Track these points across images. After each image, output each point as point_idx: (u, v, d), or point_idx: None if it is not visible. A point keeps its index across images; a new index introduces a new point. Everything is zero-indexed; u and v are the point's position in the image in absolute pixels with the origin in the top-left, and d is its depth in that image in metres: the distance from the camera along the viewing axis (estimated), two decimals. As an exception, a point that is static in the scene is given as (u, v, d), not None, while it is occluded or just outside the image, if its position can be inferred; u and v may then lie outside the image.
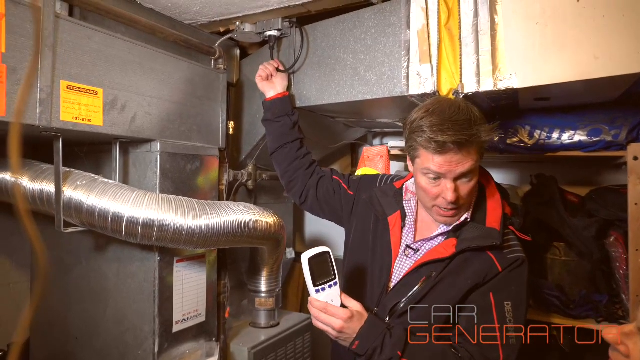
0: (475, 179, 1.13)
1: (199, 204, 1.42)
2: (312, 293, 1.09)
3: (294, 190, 1.57)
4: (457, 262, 1.15)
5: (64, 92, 1.17)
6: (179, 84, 1.52)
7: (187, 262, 1.55)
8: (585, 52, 1.18)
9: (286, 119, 1.58)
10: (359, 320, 1.10)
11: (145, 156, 1.46)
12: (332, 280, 1.10)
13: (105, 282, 1.54)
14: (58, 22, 1.15)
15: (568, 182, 2.02)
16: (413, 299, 1.16)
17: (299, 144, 1.58)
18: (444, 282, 1.15)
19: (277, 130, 1.59)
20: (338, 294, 1.11)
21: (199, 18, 1.67)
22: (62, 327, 1.65)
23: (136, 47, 1.37)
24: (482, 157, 1.12)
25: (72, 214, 1.29)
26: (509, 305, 1.11)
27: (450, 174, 1.08)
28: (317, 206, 1.53)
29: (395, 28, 1.47)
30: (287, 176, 1.57)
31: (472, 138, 1.05)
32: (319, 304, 1.09)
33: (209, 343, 1.65)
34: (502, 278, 1.13)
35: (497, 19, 1.28)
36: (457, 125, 1.04)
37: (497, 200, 1.20)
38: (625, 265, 1.55)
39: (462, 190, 1.11)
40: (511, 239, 1.18)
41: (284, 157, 1.57)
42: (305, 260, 1.07)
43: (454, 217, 1.16)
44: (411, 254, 1.23)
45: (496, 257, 1.14)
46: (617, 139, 1.51)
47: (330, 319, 1.08)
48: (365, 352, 1.08)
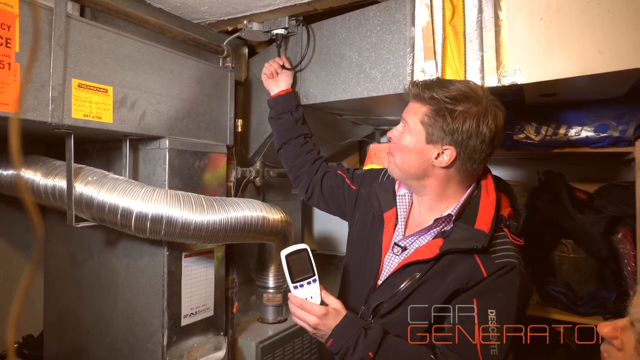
0: (408, 138, 1.16)
1: (207, 199, 1.45)
2: (291, 289, 1.11)
3: (300, 186, 1.58)
4: (442, 264, 1.10)
5: (75, 90, 1.20)
6: (187, 82, 1.55)
7: (195, 257, 1.58)
8: (589, 47, 1.18)
9: (288, 116, 1.60)
10: (335, 318, 1.10)
11: (155, 153, 1.49)
12: (311, 277, 1.11)
13: (115, 276, 1.57)
14: (70, 22, 1.18)
15: (578, 179, 2.01)
16: (396, 299, 1.13)
17: (303, 139, 1.59)
18: (428, 284, 1.11)
19: (281, 127, 1.61)
20: (318, 291, 1.12)
21: (207, 17, 1.69)
22: (74, 320, 1.69)
23: (145, 46, 1.40)
24: (436, 127, 1.11)
25: (83, 209, 1.32)
26: (492, 314, 1.04)
27: (404, 115, 1.19)
28: (322, 202, 1.53)
29: (400, 25, 1.48)
30: (293, 172, 1.59)
31: (423, 93, 1.12)
32: (297, 300, 1.11)
33: (217, 337, 1.67)
34: (487, 284, 1.06)
35: (501, 15, 1.28)
36: (426, 82, 1.14)
37: (491, 202, 1.14)
38: (633, 261, 1.54)
39: (395, 135, 1.20)
40: (503, 242, 1.11)
41: (289, 153, 1.59)
42: (283, 257, 1.10)
43: (391, 164, 1.22)
44: (399, 251, 1.21)
45: (482, 261, 1.07)
46: (625, 135, 1.50)
47: (306, 315, 1.09)
48: (339, 350, 1.07)
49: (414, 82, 1.16)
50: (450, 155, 1.11)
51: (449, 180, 1.16)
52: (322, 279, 1.16)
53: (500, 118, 1.12)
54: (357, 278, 1.28)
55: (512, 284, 1.06)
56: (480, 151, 1.11)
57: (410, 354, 1.08)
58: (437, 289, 1.10)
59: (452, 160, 1.11)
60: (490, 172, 1.22)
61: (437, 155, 1.12)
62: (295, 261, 1.11)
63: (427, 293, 1.11)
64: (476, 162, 1.12)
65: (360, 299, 1.23)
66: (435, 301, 1.09)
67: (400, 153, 1.18)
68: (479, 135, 1.08)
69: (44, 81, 1.13)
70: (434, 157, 1.13)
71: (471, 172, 1.15)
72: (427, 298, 1.10)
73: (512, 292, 1.06)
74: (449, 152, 1.11)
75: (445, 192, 1.17)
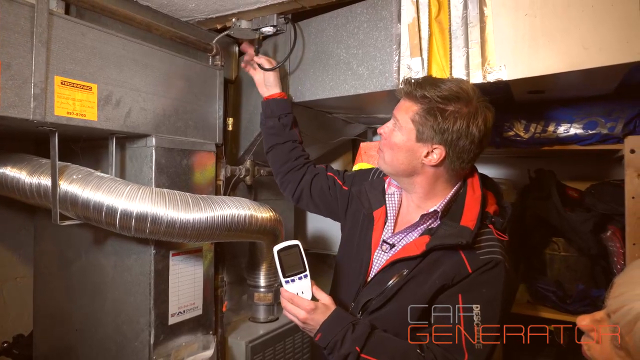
0: (399, 135, 1.16)
1: (193, 198, 1.44)
2: (283, 284, 1.14)
3: (287, 190, 1.58)
4: (429, 261, 1.12)
5: (58, 87, 1.20)
6: (174, 80, 1.54)
7: (183, 255, 1.57)
8: (574, 42, 1.17)
9: (276, 121, 1.58)
10: (324, 313, 1.12)
11: (141, 151, 1.48)
12: (302, 272, 1.14)
13: (103, 275, 1.57)
14: (52, 19, 1.18)
15: (571, 177, 2.00)
16: (385, 296, 1.15)
17: (291, 144, 1.57)
18: (415, 280, 1.13)
19: (269, 131, 1.60)
20: (309, 287, 1.14)
21: (196, 15, 1.69)
22: (63, 319, 1.69)
23: (131, 43, 1.39)
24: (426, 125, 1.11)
25: (67, 207, 1.32)
26: (477, 309, 1.06)
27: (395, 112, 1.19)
28: (312, 204, 1.54)
29: (386, 22, 1.48)
30: (279, 177, 1.59)
31: (415, 91, 1.12)
32: (288, 295, 1.13)
33: (206, 336, 1.67)
34: (472, 280, 1.08)
35: (487, 11, 1.27)
36: (418, 81, 1.14)
37: (476, 199, 1.15)
38: (622, 259, 1.53)
39: (385, 132, 1.20)
40: (488, 239, 1.13)
41: (276, 158, 1.58)
42: (275, 252, 1.13)
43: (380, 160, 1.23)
44: (388, 249, 1.22)
45: (467, 257, 1.09)
46: (613, 132, 1.49)
47: (295, 309, 1.12)
48: (327, 344, 1.09)
49: (406, 80, 1.17)
50: (440, 154, 1.13)
51: (437, 178, 1.18)
52: (316, 278, 1.18)
53: (490, 119, 1.14)
54: (347, 275, 1.30)
55: (496, 280, 1.08)
56: (469, 151, 1.13)
57: (397, 349, 1.09)
58: (424, 285, 1.12)
59: (441, 159, 1.13)
60: (476, 170, 1.24)
61: (426, 154, 1.14)
62: (287, 257, 1.14)
63: (414, 289, 1.12)
64: (464, 161, 1.14)
65: (350, 296, 1.24)
66: (422, 297, 1.11)
67: (390, 150, 1.19)
68: (468, 135, 1.10)
69: (26, 78, 1.12)
70: (424, 156, 1.14)
71: (459, 171, 1.17)
72: (414, 294, 1.12)
73: (497, 287, 1.08)
74: (439, 151, 1.12)
75: (433, 189, 1.19)
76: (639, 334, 0.65)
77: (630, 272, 0.72)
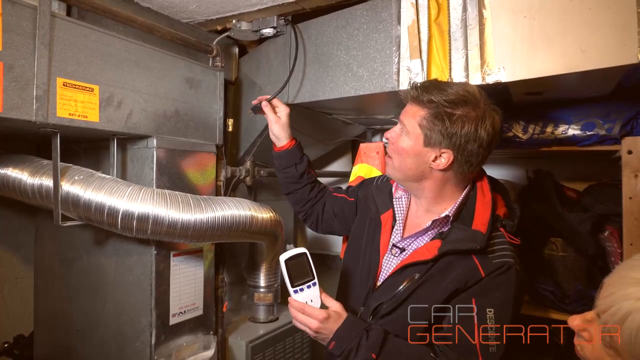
0: (406, 140, 1.15)
1: (194, 198, 1.45)
2: (291, 293, 1.10)
3: (308, 223, 1.60)
4: (441, 265, 1.11)
5: (60, 88, 1.20)
6: (175, 82, 1.55)
7: (184, 256, 1.58)
8: (572, 44, 1.19)
9: (293, 170, 1.53)
10: (336, 321, 1.10)
11: (142, 152, 1.49)
12: (311, 280, 1.11)
13: (104, 275, 1.57)
14: (54, 21, 1.19)
15: (568, 177, 2.01)
16: (396, 300, 1.14)
17: (310, 187, 1.55)
18: (427, 284, 1.12)
19: (286, 180, 1.56)
20: (318, 295, 1.12)
21: (196, 16, 1.70)
22: (64, 320, 1.69)
23: (132, 45, 1.40)
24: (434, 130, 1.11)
25: (69, 208, 1.33)
26: (491, 312, 1.06)
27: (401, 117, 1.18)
28: (328, 227, 1.55)
29: (386, 24, 1.49)
30: (302, 215, 1.60)
31: (422, 96, 1.11)
32: (297, 304, 1.10)
33: (207, 336, 1.67)
34: (485, 283, 1.08)
35: (486, 13, 1.28)
36: (424, 85, 1.13)
37: (487, 202, 1.16)
38: (620, 259, 1.54)
39: (392, 137, 1.19)
40: (500, 242, 1.13)
41: (297, 200, 1.57)
42: (282, 262, 1.09)
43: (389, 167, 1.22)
44: (398, 253, 1.21)
45: (480, 261, 1.09)
46: (611, 133, 1.50)
47: (307, 319, 1.09)
48: (341, 352, 1.08)
49: (412, 85, 1.16)
50: (448, 158, 1.12)
51: (446, 182, 1.17)
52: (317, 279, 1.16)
53: (498, 122, 1.13)
54: (355, 279, 1.29)
55: (509, 283, 1.08)
56: (477, 154, 1.12)
57: (412, 354, 1.09)
58: (436, 289, 1.11)
59: (449, 163, 1.12)
60: (485, 173, 1.24)
61: (434, 158, 1.13)
62: (295, 265, 1.11)
63: (426, 293, 1.12)
64: (473, 165, 1.14)
65: (359, 300, 1.24)
66: (434, 301, 1.10)
67: (398, 155, 1.19)
68: (477, 139, 1.09)
69: (28, 80, 1.13)
70: (432, 160, 1.14)
71: (467, 175, 1.17)
72: (426, 298, 1.12)
73: (509, 291, 1.08)
74: (447, 155, 1.12)
75: (442, 193, 1.19)
76: (627, 333, 0.66)
77: (619, 273, 0.73)
